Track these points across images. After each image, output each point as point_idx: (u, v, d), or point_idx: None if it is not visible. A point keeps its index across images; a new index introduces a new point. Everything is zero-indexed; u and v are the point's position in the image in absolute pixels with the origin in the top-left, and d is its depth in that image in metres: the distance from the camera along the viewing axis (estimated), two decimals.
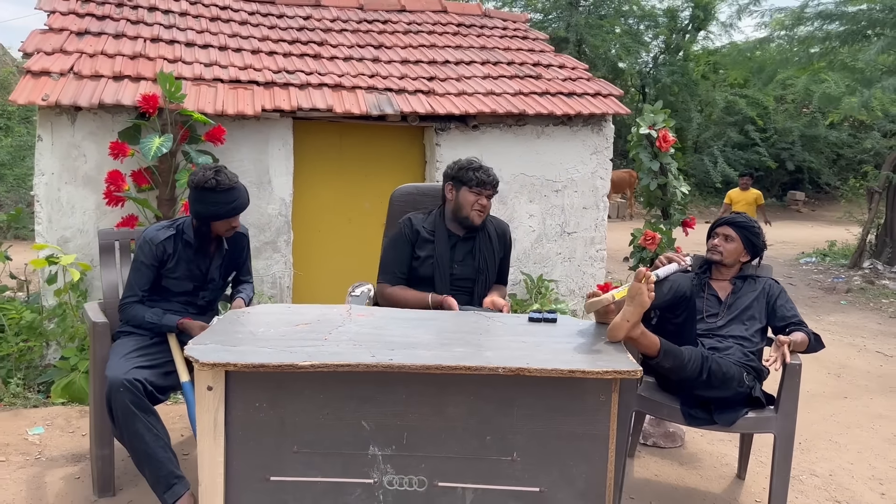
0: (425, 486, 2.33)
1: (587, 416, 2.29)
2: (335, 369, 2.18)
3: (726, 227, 3.17)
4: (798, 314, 3.04)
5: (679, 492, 3.29)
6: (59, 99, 4.21)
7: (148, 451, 2.71)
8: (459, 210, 3.19)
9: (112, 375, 2.71)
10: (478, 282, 3.24)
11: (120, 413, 2.70)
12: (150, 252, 2.96)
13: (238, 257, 3.23)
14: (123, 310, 2.98)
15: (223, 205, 2.90)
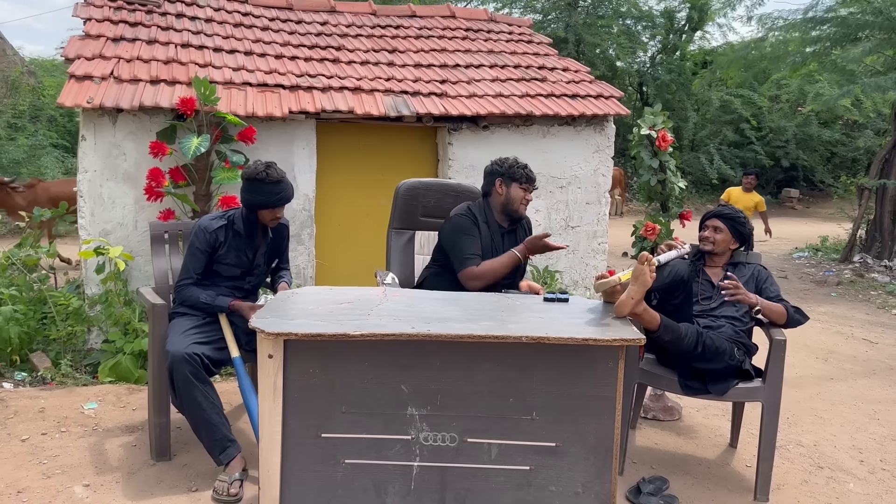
0: (456, 442, 2.68)
1: (597, 381, 2.64)
2: (381, 339, 2.52)
3: (715, 220, 3.52)
4: (780, 294, 3.40)
5: (676, 458, 3.65)
6: (103, 102, 4.54)
7: (205, 416, 3.06)
8: (510, 203, 3.50)
9: (173, 350, 3.06)
10: (518, 268, 3.57)
11: (180, 383, 3.04)
12: (204, 239, 3.30)
13: (280, 246, 3.58)
14: (179, 290, 3.33)
15: (271, 195, 3.24)
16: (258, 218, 3.34)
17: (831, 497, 3.32)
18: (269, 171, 3.22)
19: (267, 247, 3.49)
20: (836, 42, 10.19)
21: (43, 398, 4.03)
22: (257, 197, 3.25)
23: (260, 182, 3.22)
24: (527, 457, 2.69)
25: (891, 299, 8.23)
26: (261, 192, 3.23)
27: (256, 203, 3.27)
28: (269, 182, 3.22)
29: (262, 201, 3.26)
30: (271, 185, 3.23)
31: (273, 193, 3.24)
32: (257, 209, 3.30)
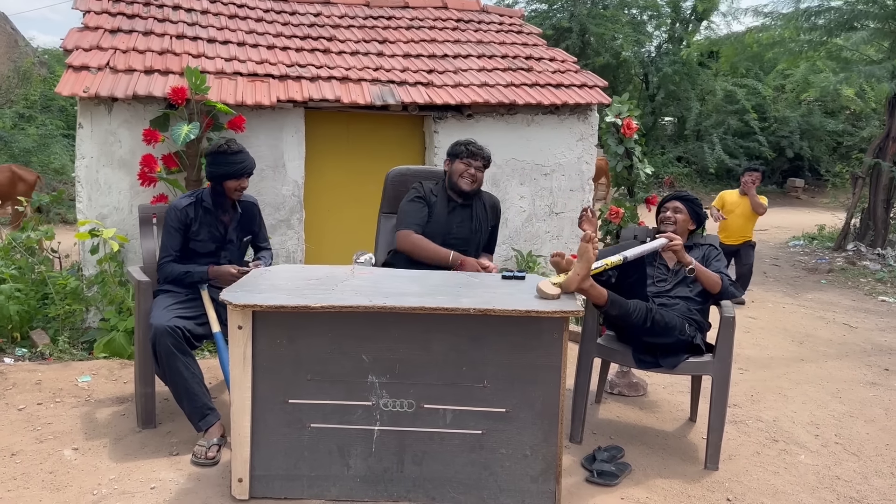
0: (413, 408, 2.88)
1: (543, 351, 2.82)
2: (340, 311, 2.72)
3: (675, 202, 3.71)
4: (724, 270, 3.58)
5: (636, 430, 3.83)
6: (98, 91, 4.76)
7: (186, 386, 3.28)
8: (451, 177, 3.73)
9: (156, 323, 3.28)
10: (471, 242, 3.76)
11: (163, 354, 3.26)
12: (175, 217, 3.55)
13: (251, 223, 3.82)
14: (161, 268, 3.56)
15: (233, 164, 3.50)
16: (225, 190, 3.57)
17: (779, 467, 3.50)
18: (230, 144, 3.51)
19: (237, 222, 3.71)
20: (832, 31, 10.25)
21: (40, 371, 4.26)
22: (221, 168, 3.50)
23: (223, 154, 3.49)
24: (479, 422, 2.88)
25: (879, 286, 8.35)
26: (224, 163, 3.49)
27: (221, 174, 3.52)
28: (231, 153, 3.49)
29: (225, 171, 3.50)
30: (233, 156, 3.50)
31: (235, 163, 3.50)
32: (222, 180, 3.54)
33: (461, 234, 3.75)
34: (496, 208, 3.93)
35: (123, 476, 3.08)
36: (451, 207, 3.74)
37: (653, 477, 3.30)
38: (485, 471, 2.90)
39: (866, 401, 4.49)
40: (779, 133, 19.07)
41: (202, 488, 3.00)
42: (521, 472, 2.90)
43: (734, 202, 7.17)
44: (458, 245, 3.70)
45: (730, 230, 7.12)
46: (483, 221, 3.82)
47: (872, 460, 3.64)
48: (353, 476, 2.91)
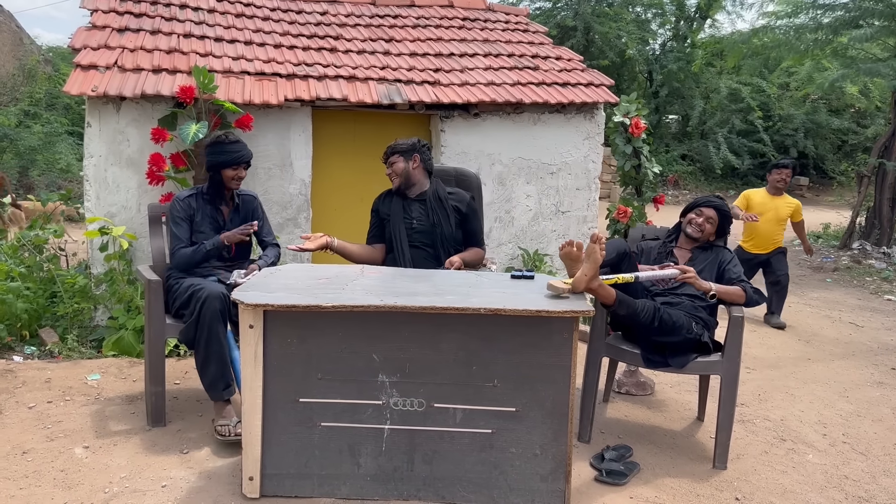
0: (424, 407, 2.89)
1: (553, 350, 2.83)
2: (351, 310, 2.73)
3: (712, 211, 3.70)
4: (742, 276, 3.58)
5: (644, 429, 3.84)
6: (107, 90, 4.76)
7: (221, 352, 3.36)
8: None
9: (210, 288, 3.39)
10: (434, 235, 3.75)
11: (209, 317, 3.32)
12: (179, 208, 3.69)
13: (251, 215, 3.90)
14: (176, 255, 3.64)
15: (230, 153, 3.68)
16: (223, 179, 3.71)
17: (787, 466, 3.50)
18: (227, 135, 3.72)
19: (235, 214, 3.83)
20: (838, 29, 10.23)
21: (50, 370, 4.28)
22: (219, 157, 3.66)
23: (220, 144, 3.68)
24: (489, 421, 2.89)
25: (885, 285, 8.34)
26: (222, 152, 3.66)
27: (219, 162, 3.67)
28: (228, 143, 3.69)
29: (223, 160, 3.66)
30: (230, 145, 3.69)
31: (232, 152, 3.68)
32: (220, 168, 3.69)
33: (421, 228, 3.79)
34: (464, 201, 3.86)
35: (134, 474, 3.10)
36: (407, 204, 3.84)
37: (661, 476, 3.31)
38: (495, 470, 2.91)
39: (874, 400, 4.49)
40: (783, 131, 19.03)
41: (213, 486, 3.01)
42: (530, 472, 2.91)
43: (761, 203, 6.27)
44: (422, 239, 3.76)
45: (757, 236, 6.28)
46: (440, 213, 3.78)
47: (881, 459, 3.64)
48: (364, 475, 2.92)
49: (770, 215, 6.22)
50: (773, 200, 6.28)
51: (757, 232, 6.24)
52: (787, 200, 6.37)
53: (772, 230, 6.25)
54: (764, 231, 6.22)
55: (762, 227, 6.19)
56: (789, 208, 6.34)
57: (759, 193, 6.37)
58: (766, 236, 6.25)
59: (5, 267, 4.93)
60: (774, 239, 6.26)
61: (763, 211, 6.18)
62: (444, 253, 3.75)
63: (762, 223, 6.15)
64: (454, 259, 3.65)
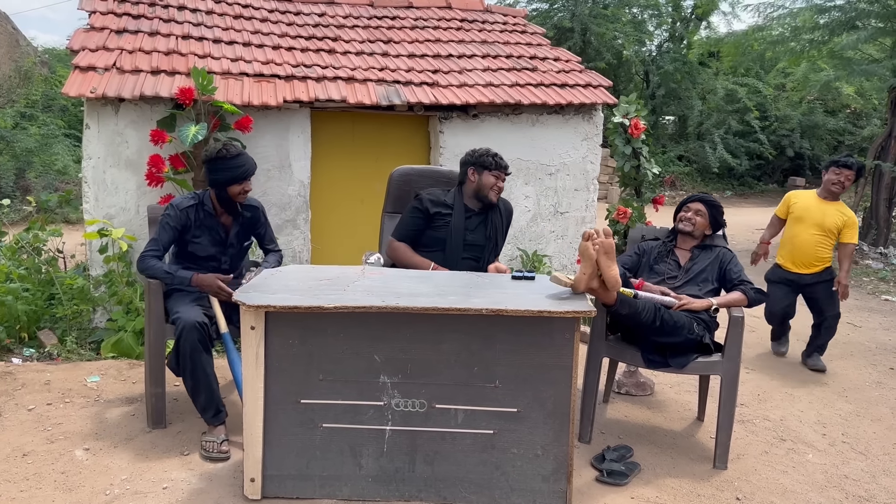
0: (425, 408, 2.89)
1: (555, 351, 2.83)
2: (353, 311, 2.73)
3: (699, 204, 3.73)
4: (743, 275, 3.59)
5: (644, 429, 3.84)
6: (106, 92, 4.76)
7: (207, 381, 3.32)
8: (481, 189, 3.72)
9: (186, 318, 3.30)
10: (486, 249, 3.77)
11: (188, 348, 3.28)
12: (175, 216, 3.53)
13: (254, 227, 3.80)
14: (142, 259, 3.47)
15: (235, 168, 3.48)
16: (229, 195, 3.55)
17: (788, 466, 3.51)
18: (228, 149, 3.49)
19: (239, 226, 3.71)
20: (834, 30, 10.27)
21: (49, 372, 4.27)
22: (223, 174, 3.48)
23: (222, 159, 3.47)
24: (490, 421, 2.89)
25: (882, 285, 8.36)
26: (225, 168, 3.47)
27: (224, 180, 3.49)
28: (230, 157, 3.47)
29: (228, 177, 3.48)
30: (233, 160, 3.47)
31: (237, 167, 3.48)
32: (226, 185, 3.51)
33: (476, 241, 3.75)
34: (510, 215, 3.93)
35: (135, 476, 3.09)
36: (467, 214, 3.75)
37: (662, 476, 3.31)
38: (496, 470, 2.91)
39: (872, 400, 4.50)
40: (779, 132, 19.07)
41: (214, 488, 3.01)
42: (532, 472, 2.91)
43: (803, 206, 4.93)
44: (473, 252, 3.71)
45: (793, 247, 4.91)
46: (498, 227, 3.82)
47: (880, 459, 3.65)
48: (365, 476, 2.92)
49: (812, 221, 4.84)
50: (822, 205, 4.88)
51: (792, 241, 4.92)
52: (842, 209, 4.89)
53: (812, 241, 4.83)
54: (802, 241, 4.85)
55: (799, 235, 4.87)
56: (840, 218, 4.83)
57: (806, 195, 5.04)
58: (805, 249, 4.85)
59: (4, 268, 4.92)
60: (818, 254, 4.84)
61: (804, 215, 4.87)
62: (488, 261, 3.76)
63: (800, 230, 4.87)
64: (502, 267, 3.65)
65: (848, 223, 4.82)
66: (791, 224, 4.96)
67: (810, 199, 4.97)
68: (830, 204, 4.90)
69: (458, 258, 3.63)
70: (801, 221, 4.88)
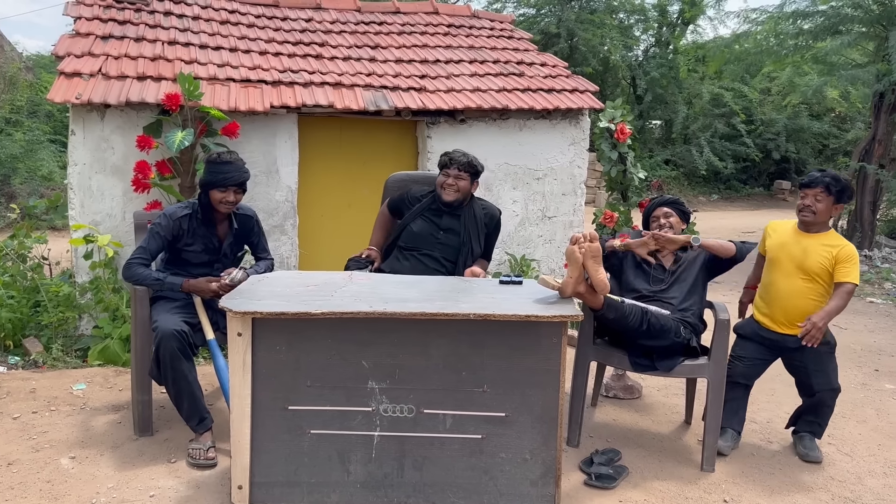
0: (413, 413, 2.89)
1: (542, 355, 2.84)
2: (340, 316, 2.73)
3: (663, 208, 3.78)
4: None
5: (632, 432, 3.86)
6: (91, 97, 4.73)
7: (189, 388, 3.29)
8: (437, 188, 3.80)
9: (164, 326, 3.27)
10: (461, 251, 3.78)
11: (168, 357, 3.25)
12: (167, 225, 3.50)
13: (247, 236, 3.78)
14: (128, 266, 3.44)
15: (219, 173, 3.46)
16: (210, 200, 3.51)
17: (775, 468, 3.53)
18: (222, 154, 3.50)
19: (233, 236, 3.68)
20: (818, 35, 10.37)
21: (34, 380, 4.24)
22: (208, 176, 3.48)
23: (212, 163, 3.48)
24: (479, 426, 2.90)
25: (867, 287, 8.43)
26: (212, 171, 3.47)
27: (206, 182, 3.49)
28: (220, 162, 3.46)
29: (211, 180, 3.47)
30: (221, 165, 3.46)
31: (221, 172, 3.45)
32: (208, 189, 3.50)
33: (449, 242, 3.77)
34: (494, 218, 3.94)
35: (122, 484, 3.07)
36: (439, 214, 3.79)
37: (650, 479, 3.32)
38: (485, 475, 2.92)
39: (858, 401, 4.54)
40: (765, 135, 19.22)
41: (202, 495, 3.00)
42: (520, 477, 2.91)
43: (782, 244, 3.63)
44: (446, 251, 3.74)
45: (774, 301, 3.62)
46: (473, 229, 3.82)
47: (865, 460, 3.68)
48: (354, 482, 2.92)
49: (791, 263, 3.56)
50: (802, 240, 3.58)
51: (769, 289, 3.66)
52: (829, 241, 3.53)
53: (794, 290, 3.54)
54: (781, 291, 3.58)
55: (777, 283, 3.61)
56: (827, 256, 3.47)
57: (783, 227, 3.74)
58: (786, 301, 3.56)
59: None
60: (804, 308, 3.52)
61: (779, 255, 3.61)
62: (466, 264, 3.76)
63: (778, 276, 3.61)
64: (478, 270, 3.65)
65: (840, 257, 3.45)
66: (767, 267, 3.69)
67: (787, 232, 3.68)
68: (813, 237, 3.55)
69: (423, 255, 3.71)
70: (777, 264, 3.61)
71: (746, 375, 3.67)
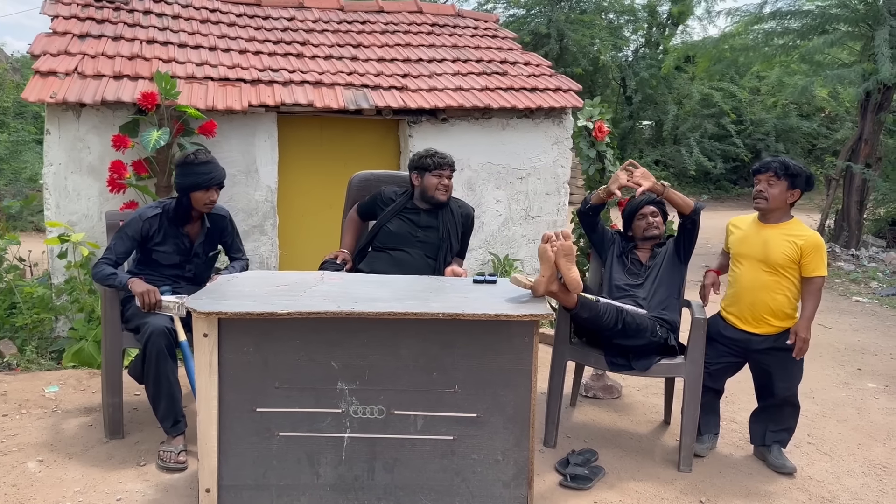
0: (384, 414, 2.84)
1: (514, 355, 2.80)
2: (307, 317, 2.68)
3: (650, 206, 3.73)
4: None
5: (610, 433, 3.82)
6: (66, 97, 4.68)
7: (170, 389, 3.26)
8: (426, 192, 3.74)
9: (155, 323, 3.25)
10: (441, 249, 3.75)
11: (154, 354, 3.22)
12: (135, 226, 3.46)
13: (220, 236, 3.73)
14: (96, 265, 3.41)
15: (201, 175, 3.40)
16: (192, 202, 3.46)
17: (752, 468, 3.50)
18: (198, 154, 3.42)
19: (205, 236, 3.63)
20: (804, 34, 10.37)
21: (6, 382, 4.18)
22: (188, 179, 3.41)
23: (189, 164, 3.40)
24: (450, 427, 2.85)
25: (853, 287, 8.43)
26: (191, 173, 3.40)
27: (188, 185, 3.42)
28: (198, 163, 3.39)
29: (193, 182, 3.40)
30: (200, 166, 3.40)
31: (203, 174, 3.40)
32: (190, 191, 3.43)
33: (428, 240, 3.74)
34: (468, 217, 3.91)
35: (89, 488, 3.02)
36: (415, 213, 3.76)
37: (626, 480, 3.29)
38: (456, 477, 2.87)
39: (839, 401, 4.52)
40: (755, 135, 19.25)
41: (170, 499, 2.95)
42: (492, 478, 2.87)
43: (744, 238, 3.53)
44: (427, 248, 3.70)
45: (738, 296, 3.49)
46: (451, 228, 3.80)
47: (844, 460, 3.66)
48: (324, 485, 2.87)
49: (753, 256, 3.44)
50: (762, 231, 3.44)
51: (733, 285, 3.55)
52: (793, 230, 3.39)
53: (758, 284, 3.42)
54: (745, 286, 3.46)
55: (741, 278, 3.48)
56: (791, 246, 3.33)
57: (745, 221, 3.62)
58: (750, 297, 3.44)
59: None
60: (770, 305, 3.40)
61: (741, 250, 3.50)
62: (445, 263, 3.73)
63: (742, 271, 3.48)
64: (459, 270, 3.62)
65: (806, 249, 3.31)
66: (732, 264, 3.59)
67: (748, 225, 3.55)
68: (773, 227, 3.41)
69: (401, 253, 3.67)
70: (740, 259, 3.49)
71: (713, 379, 3.55)
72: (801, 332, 3.38)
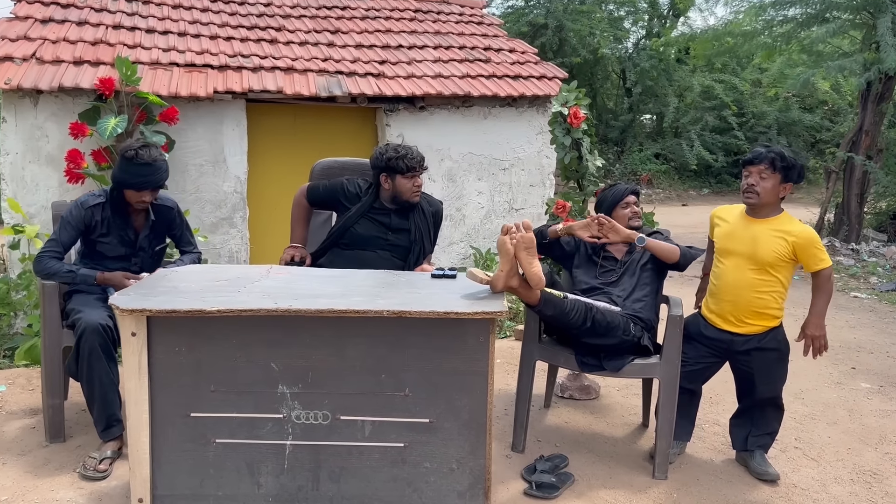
0: (329, 420, 2.64)
1: (469, 355, 2.59)
2: (239, 315, 2.48)
3: (632, 196, 3.50)
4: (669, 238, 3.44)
5: (584, 436, 3.61)
6: (21, 83, 4.48)
7: (102, 390, 3.05)
8: (399, 196, 3.44)
9: (88, 319, 3.03)
10: (412, 252, 3.52)
11: (87, 353, 3.01)
12: (77, 214, 3.23)
13: (167, 229, 3.50)
14: (39, 259, 3.18)
15: (136, 176, 3.16)
16: (124, 197, 3.25)
17: (733, 475, 3.29)
18: (140, 152, 3.15)
19: (149, 229, 3.41)
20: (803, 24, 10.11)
21: None
22: (123, 175, 3.18)
23: (128, 161, 3.15)
24: (401, 433, 2.64)
25: (852, 282, 8.20)
26: (127, 171, 3.17)
27: (121, 181, 3.20)
28: (137, 163, 3.15)
29: (125, 180, 3.18)
30: (138, 167, 3.15)
31: (138, 175, 3.16)
32: (121, 187, 3.22)
33: (399, 242, 3.49)
34: (439, 213, 3.67)
35: (17, 497, 2.83)
36: (386, 214, 3.49)
37: (596, 488, 3.08)
38: (408, 487, 2.67)
39: (830, 402, 4.30)
40: (757, 128, 18.95)
41: None
42: (447, 488, 2.67)
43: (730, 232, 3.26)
44: (396, 251, 3.46)
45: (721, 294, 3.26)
46: (423, 229, 3.56)
47: (832, 466, 3.44)
48: (265, 495, 2.67)
49: (740, 252, 3.18)
50: (751, 225, 3.19)
51: (716, 282, 3.31)
52: (784, 226, 3.15)
53: (743, 282, 3.18)
54: (729, 283, 3.22)
55: (725, 275, 3.24)
56: (780, 242, 3.12)
57: (731, 212, 3.35)
58: (733, 294, 3.21)
59: None
60: (754, 304, 3.20)
61: (727, 245, 3.25)
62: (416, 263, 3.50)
63: (727, 267, 3.24)
64: (427, 268, 3.41)
65: (800, 246, 3.11)
66: (715, 259, 3.34)
67: (735, 218, 3.28)
68: (762, 222, 3.15)
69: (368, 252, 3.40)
70: (725, 255, 3.25)
71: (689, 379, 3.31)
72: (809, 329, 3.29)
